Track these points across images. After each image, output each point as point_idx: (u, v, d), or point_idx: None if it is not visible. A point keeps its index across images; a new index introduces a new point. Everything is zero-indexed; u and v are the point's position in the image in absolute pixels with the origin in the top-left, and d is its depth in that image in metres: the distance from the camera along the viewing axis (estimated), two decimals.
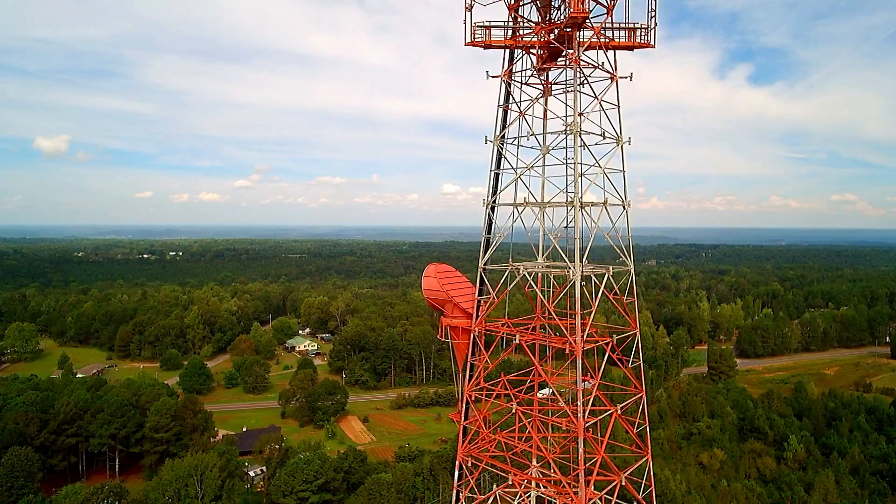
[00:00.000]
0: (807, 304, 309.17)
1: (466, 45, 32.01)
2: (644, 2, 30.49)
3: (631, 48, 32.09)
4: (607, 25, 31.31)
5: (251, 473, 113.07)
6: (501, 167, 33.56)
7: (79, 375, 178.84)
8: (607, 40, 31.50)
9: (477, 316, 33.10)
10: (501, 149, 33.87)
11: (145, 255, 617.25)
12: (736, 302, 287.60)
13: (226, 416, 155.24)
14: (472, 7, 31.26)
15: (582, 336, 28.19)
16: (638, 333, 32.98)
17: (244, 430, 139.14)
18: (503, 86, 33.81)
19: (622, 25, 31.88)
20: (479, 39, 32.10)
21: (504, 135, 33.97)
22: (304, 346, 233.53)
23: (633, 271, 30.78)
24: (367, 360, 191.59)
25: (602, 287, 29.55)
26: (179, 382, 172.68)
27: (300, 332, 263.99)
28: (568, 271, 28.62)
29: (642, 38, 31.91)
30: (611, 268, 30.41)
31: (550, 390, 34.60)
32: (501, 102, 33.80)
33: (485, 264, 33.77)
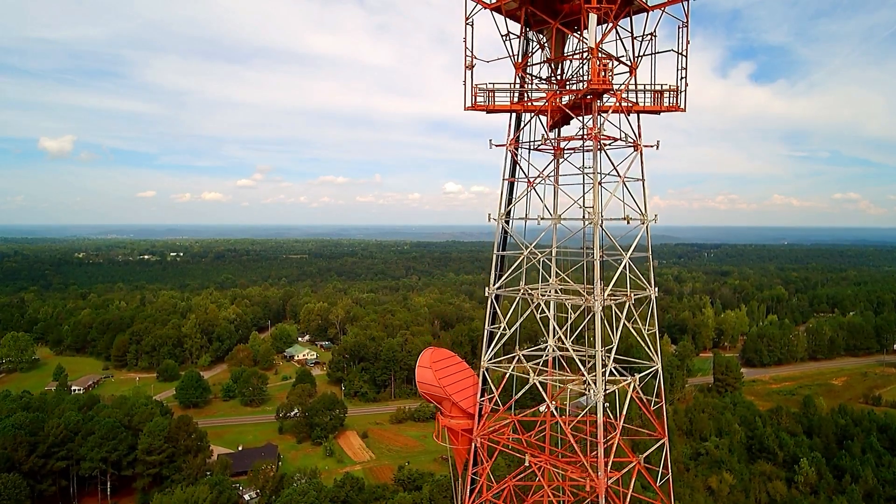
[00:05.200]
0: (812, 309, 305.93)
1: (466, 109, 28.08)
2: (672, 59, 26.78)
3: (657, 112, 28.20)
4: (630, 88, 27.45)
5: (246, 497, 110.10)
6: (507, 247, 29.77)
7: (73, 388, 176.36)
8: (630, 104, 27.60)
9: (480, 419, 29.24)
10: (507, 227, 29.88)
11: (146, 256, 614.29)
12: (740, 307, 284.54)
13: (222, 431, 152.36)
14: (473, 66, 27.30)
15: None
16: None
17: (240, 448, 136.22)
18: (509, 156, 29.63)
19: (648, 88, 28.01)
20: (482, 103, 28.11)
21: (510, 211, 29.99)
22: (303, 356, 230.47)
23: (661, 371, 27.21)
24: (367, 371, 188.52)
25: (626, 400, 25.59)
26: (176, 395, 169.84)
27: (299, 338, 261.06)
28: (588, 391, 25.02)
29: (671, 100, 27.97)
30: (636, 377, 26.45)
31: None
32: (507, 175, 29.64)
33: (489, 360, 29.79)
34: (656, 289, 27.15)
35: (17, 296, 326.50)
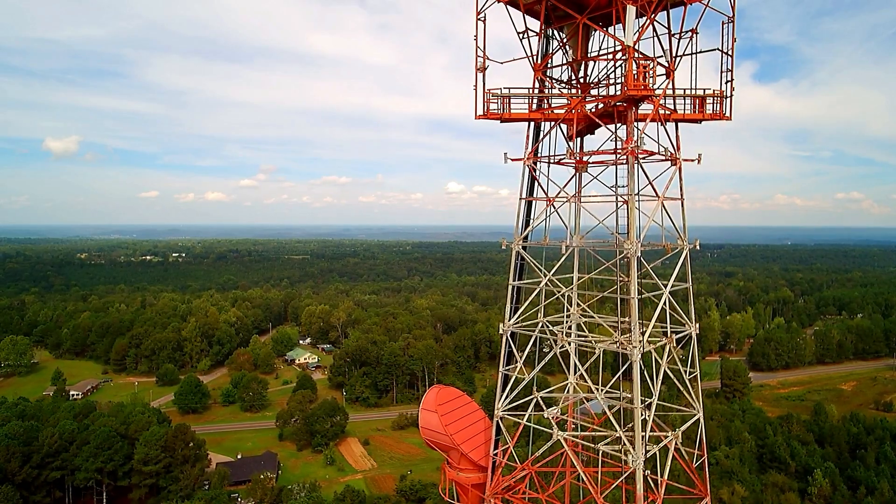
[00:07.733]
0: (819, 311, 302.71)
1: (478, 118, 24.17)
2: (715, 60, 23.43)
3: (699, 121, 24.63)
4: (668, 93, 23.97)
5: None
6: (525, 275, 26.40)
7: (72, 393, 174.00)
8: (668, 112, 24.06)
9: (493, 475, 25.75)
10: (524, 253, 26.24)
11: (148, 257, 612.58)
12: (746, 310, 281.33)
13: (221, 438, 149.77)
14: (485, 68, 23.79)
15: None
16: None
17: (239, 456, 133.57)
18: (526, 170, 25.81)
19: (688, 93, 24.50)
20: (495, 111, 24.37)
21: (528, 235, 26.35)
22: (304, 359, 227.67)
23: (702, 420, 24.12)
24: (368, 376, 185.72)
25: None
26: (174, 401, 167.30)
27: (301, 341, 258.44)
28: (628, 456, 21.72)
29: (714, 107, 24.55)
30: (678, 433, 22.80)
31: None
32: (524, 194, 25.94)
33: (504, 409, 26.08)
34: (697, 325, 23.99)
35: (17, 298, 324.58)
